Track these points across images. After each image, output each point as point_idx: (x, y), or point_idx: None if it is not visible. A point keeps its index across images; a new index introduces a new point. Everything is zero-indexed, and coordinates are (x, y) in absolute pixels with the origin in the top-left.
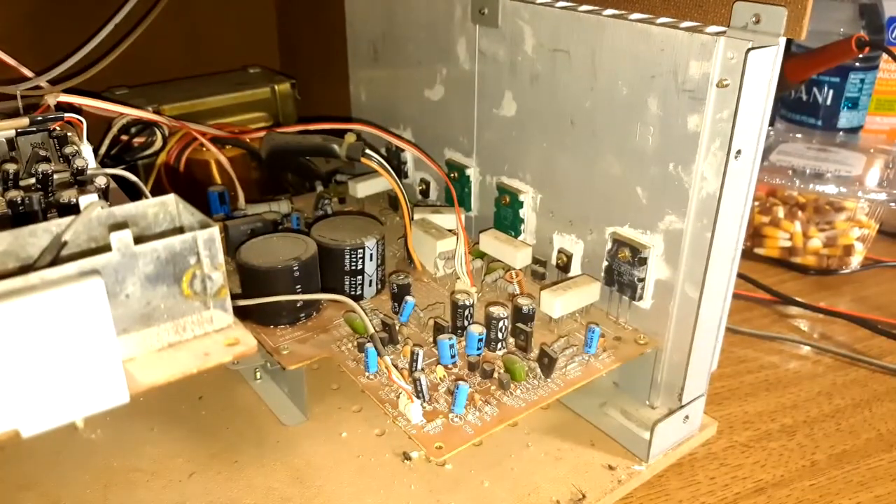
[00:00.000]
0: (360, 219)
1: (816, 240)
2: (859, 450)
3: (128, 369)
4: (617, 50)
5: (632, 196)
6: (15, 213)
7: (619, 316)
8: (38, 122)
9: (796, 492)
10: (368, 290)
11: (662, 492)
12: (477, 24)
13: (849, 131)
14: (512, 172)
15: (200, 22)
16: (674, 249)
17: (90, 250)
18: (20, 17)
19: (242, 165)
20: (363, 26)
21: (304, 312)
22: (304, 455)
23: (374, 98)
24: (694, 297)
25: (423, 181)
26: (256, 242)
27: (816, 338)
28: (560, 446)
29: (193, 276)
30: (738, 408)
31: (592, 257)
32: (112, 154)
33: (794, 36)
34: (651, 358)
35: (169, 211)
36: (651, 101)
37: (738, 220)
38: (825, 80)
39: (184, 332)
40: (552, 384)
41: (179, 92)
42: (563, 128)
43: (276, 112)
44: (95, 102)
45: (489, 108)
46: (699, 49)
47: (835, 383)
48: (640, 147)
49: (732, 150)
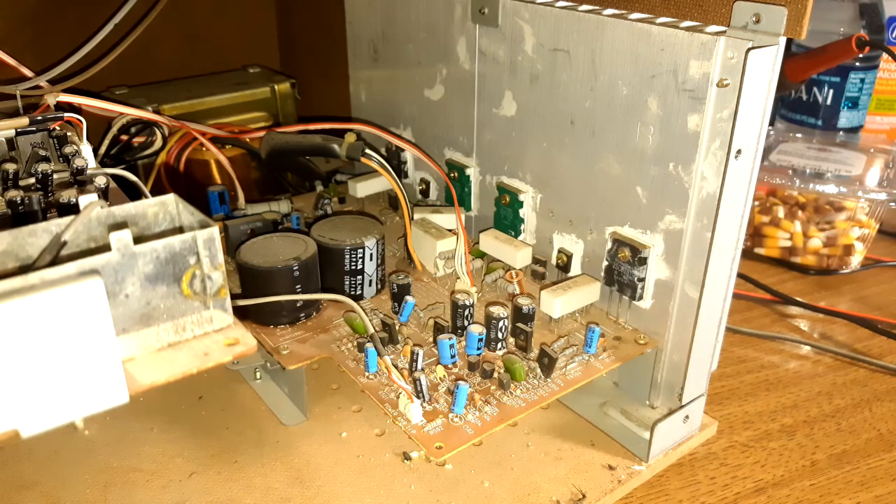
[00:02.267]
0: (360, 219)
1: (816, 239)
2: (859, 450)
3: (127, 369)
4: (617, 50)
5: (632, 196)
6: (15, 212)
7: (619, 316)
8: (37, 121)
9: (796, 492)
10: (368, 290)
11: (662, 492)
12: (477, 24)
13: (849, 131)
14: (512, 172)
15: (200, 21)
16: (674, 249)
17: (90, 250)
18: (20, 16)
19: (242, 165)
20: (363, 26)
21: (303, 312)
22: (304, 455)
23: (374, 98)
24: (694, 296)
25: (423, 181)
26: (256, 242)
27: (816, 338)
28: (560, 446)
29: (193, 276)
30: (738, 408)
31: (592, 257)
32: (112, 154)
33: (794, 35)
34: (651, 358)
35: (168, 211)
36: (651, 101)
37: (738, 219)
38: (825, 80)
39: (183, 332)
40: (552, 384)
41: (179, 91)
42: (563, 127)
43: (276, 112)
44: (95, 102)
45: (489, 108)
46: (699, 49)
47: (835, 383)
48: (641, 147)
49: (732, 149)
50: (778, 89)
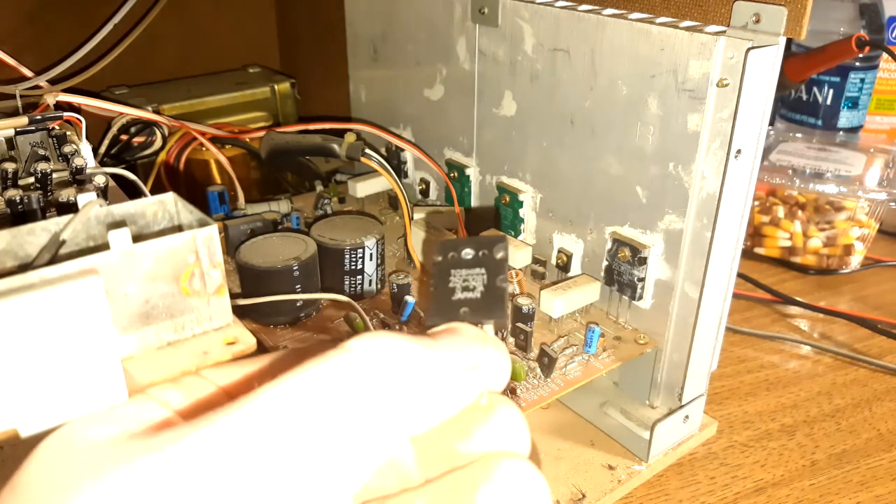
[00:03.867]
0: (359, 218)
1: (816, 239)
2: (859, 449)
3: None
4: (617, 49)
5: (632, 195)
6: (14, 211)
7: (619, 316)
8: (37, 121)
9: (796, 491)
10: (368, 290)
11: (662, 492)
12: (477, 24)
13: (849, 131)
14: (512, 172)
15: (200, 21)
16: (674, 249)
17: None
18: (20, 16)
19: (242, 165)
20: (363, 26)
21: (303, 312)
22: None
23: (374, 97)
24: (694, 296)
25: (423, 181)
26: (256, 242)
27: (816, 337)
28: (560, 446)
29: (192, 275)
30: (738, 407)
31: (592, 257)
32: (112, 153)
33: (794, 35)
34: (651, 358)
35: (168, 209)
36: (651, 101)
37: (738, 219)
38: (825, 80)
39: (183, 331)
40: (552, 384)
41: (179, 91)
42: (562, 127)
43: (276, 112)
44: (95, 102)
45: (489, 108)
46: (699, 48)
47: (835, 383)
48: (640, 146)
49: (732, 149)
50: (778, 89)
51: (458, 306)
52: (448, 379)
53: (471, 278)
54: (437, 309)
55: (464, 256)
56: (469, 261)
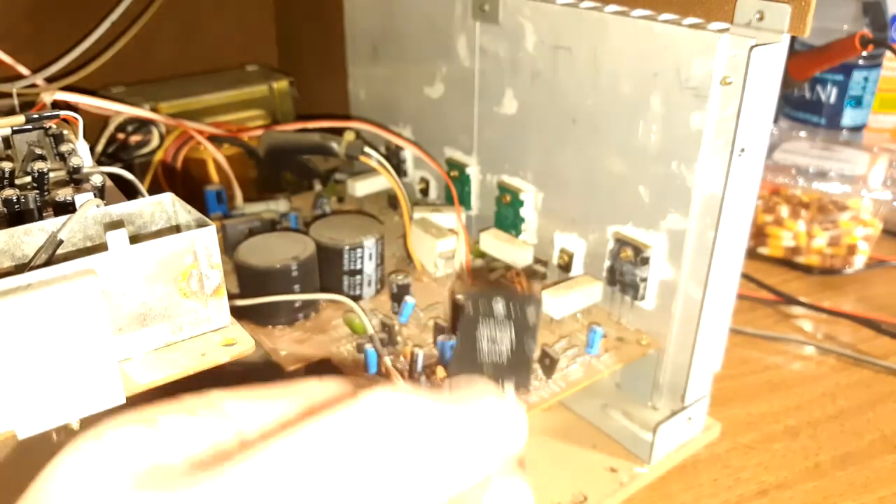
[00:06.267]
0: (358, 218)
1: (820, 239)
2: (863, 451)
3: (124, 370)
4: (619, 47)
5: (634, 195)
6: (10, 211)
7: (622, 316)
8: (33, 120)
9: (799, 493)
10: (367, 290)
11: (665, 494)
12: (477, 21)
13: (852, 129)
14: (513, 171)
15: (197, 19)
16: (677, 249)
17: (86, 249)
18: (16, 14)
19: (240, 164)
20: (362, 23)
21: (302, 312)
22: None
23: (374, 96)
24: (697, 297)
25: (423, 180)
26: (254, 242)
27: (820, 338)
28: (562, 448)
29: (190, 276)
30: (741, 409)
31: (594, 257)
32: (109, 153)
33: (797, 33)
34: (654, 359)
35: (165, 209)
36: (654, 99)
37: (742, 218)
38: (829, 78)
39: (180, 332)
40: (553, 385)
41: (176, 90)
42: (564, 126)
43: (275, 110)
44: (92, 100)
45: (490, 106)
46: (702, 46)
47: (838, 384)
48: (643, 145)
49: (736, 148)
50: (781, 87)
51: (482, 364)
52: (460, 459)
53: (498, 336)
54: (461, 364)
55: (495, 312)
56: (499, 316)
